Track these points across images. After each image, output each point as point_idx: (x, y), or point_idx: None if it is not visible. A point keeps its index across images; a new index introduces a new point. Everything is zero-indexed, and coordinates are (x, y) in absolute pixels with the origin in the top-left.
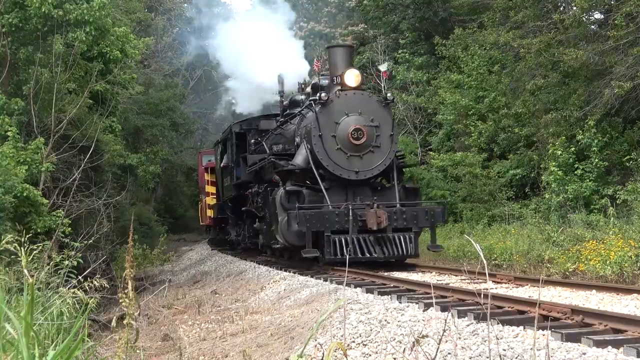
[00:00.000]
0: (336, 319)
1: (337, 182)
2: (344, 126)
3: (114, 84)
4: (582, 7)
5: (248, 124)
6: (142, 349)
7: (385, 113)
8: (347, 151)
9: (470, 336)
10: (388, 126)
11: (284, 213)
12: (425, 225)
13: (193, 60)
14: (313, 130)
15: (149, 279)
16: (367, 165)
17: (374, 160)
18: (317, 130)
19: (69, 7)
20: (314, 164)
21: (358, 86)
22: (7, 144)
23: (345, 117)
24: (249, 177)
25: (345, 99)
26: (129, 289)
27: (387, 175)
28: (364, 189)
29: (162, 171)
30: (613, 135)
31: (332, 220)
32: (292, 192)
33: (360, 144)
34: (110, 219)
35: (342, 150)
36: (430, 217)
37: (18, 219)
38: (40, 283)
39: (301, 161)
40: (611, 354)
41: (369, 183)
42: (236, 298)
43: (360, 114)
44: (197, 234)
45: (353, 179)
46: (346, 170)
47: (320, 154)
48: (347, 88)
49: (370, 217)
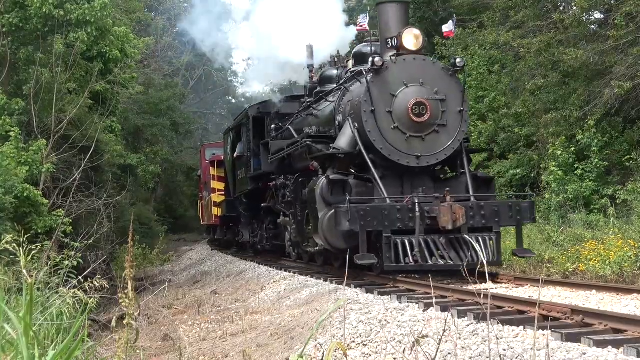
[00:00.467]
0: (336, 319)
1: (391, 170)
2: (403, 99)
3: (114, 83)
4: (582, 7)
5: (267, 107)
6: (142, 349)
7: (453, 83)
8: (406, 131)
9: (470, 336)
10: (456, 100)
11: (326, 208)
12: (509, 224)
13: (193, 60)
14: (363, 104)
15: (149, 279)
16: (430, 149)
17: (439, 142)
18: (369, 104)
19: (70, 7)
20: (364, 146)
21: (419, 50)
22: (9, 145)
23: (403, 88)
24: (271, 168)
25: (404, 66)
26: (129, 289)
27: (453, 162)
28: (424, 178)
29: (162, 171)
30: (613, 135)
31: (392, 218)
32: (337, 182)
33: (423, 121)
34: (110, 219)
35: (400, 129)
36: (516, 214)
37: (18, 219)
38: (39, 283)
39: (345, 144)
40: (611, 354)
41: (430, 171)
42: (236, 298)
43: (422, 84)
44: (197, 234)
45: (413, 166)
46: (405, 154)
47: (373, 134)
48: (405, 52)
49: (444, 213)
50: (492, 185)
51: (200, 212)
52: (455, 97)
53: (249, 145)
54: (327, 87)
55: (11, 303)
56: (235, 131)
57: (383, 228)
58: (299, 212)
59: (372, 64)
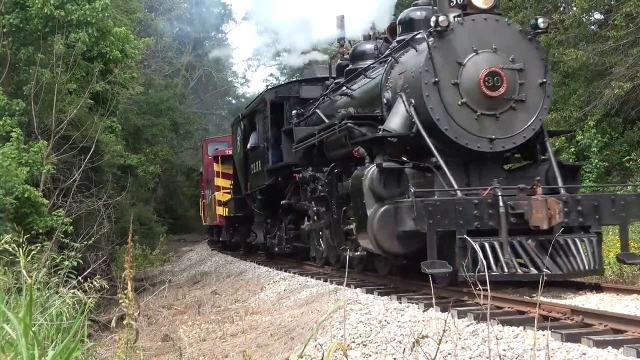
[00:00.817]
0: (336, 319)
1: (454, 156)
2: (472, 69)
3: (114, 83)
4: (582, 7)
5: (286, 90)
6: (142, 350)
7: (532, 49)
8: (477, 108)
9: (470, 336)
10: (537, 69)
11: (377, 204)
12: (612, 222)
13: (193, 60)
14: (424, 74)
15: (149, 279)
16: (506, 130)
17: (517, 121)
18: (432, 74)
19: (71, 7)
20: (424, 126)
21: (491, 9)
22: (9, 145)
23: (472, 55)
24: (295, 158)
25: (473, 28)
26: (129, 289)
27: (528, 147)
28: (495, 167)
29: (162, 171)
30: (613, 136)
31: (469, 215)
32: (392, 171)
33: (498, 96)
34: (110, 219)
35: (469, 106)
36: (620, 210)
37: (19, 220)
38: (39, 283)
39: (398, 125)
40: (611, 354)
41: (502, 158)
42: (236, 298)
43: (496, 50)
44: (197, 234)
45: (484, 151)
46: (475, 136)
47: (436, 111)
48: (473, 11)
49: (537, 209)
50: (577, 175)
51: (202, 212)
52: (535, 66)
53: (265, 135)
54: (360, 64)
55: (11, 303)
56: (248, 119)
57: (457, 228)
58: (334, 209)
59: (435, 24)
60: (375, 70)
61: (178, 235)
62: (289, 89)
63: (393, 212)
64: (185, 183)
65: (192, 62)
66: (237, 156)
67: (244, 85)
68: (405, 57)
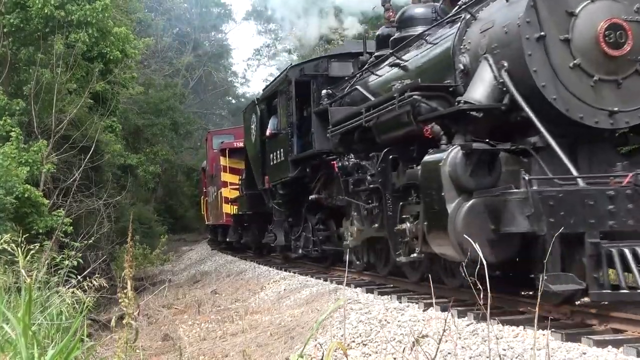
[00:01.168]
0: (336, 318)
1: (561, 135)
2: (587, 21)
3: (114, 83)
4: None
5: (313, 68)
6: (142, 349)
7: None
8: (593, 72)
9: (470, 336)
10: None
11: (461, 197)
12: None
13: (193, 60)
14: (524, 28)
15: (149, 279)
16: (630, 101)
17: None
18: (536, 27)
19: (71, 8)
20: (524, 95)
21: None
22: (10, 145)
23: (587, 2)
24: (329, 145)
25: None
26: (129, 288)
27: None
28: (608, 149)
29: (162, 171)
30: None
31: (601, 211)
32: (483, 153)
33: (621, 55)
34: (110, 219)
35: (583, 69)
36: None
37: (19, 220)
38: (39, 283)
39: (483, 95)
40: (611, 354)
41: (615, 138)
42: (236, 298)
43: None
44: (197, 234)
45: (603, 128)
46: (592, 108)
47: (541, 75)
48: None
49: None
50: None
51: (204, 211)
52: None
53: (289, 119)
54: (410, 31)
55: (10, 303)
56: (266, 103)
57: (586, 229)
58: (388, 206)
59: None
60: (435, 35)
61: (178, 235)
62: (316, 66)
63: (483, 208)
64: (185, 183)
65: (192, 62)
66: (252, 146)
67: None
68: (489, 9)
